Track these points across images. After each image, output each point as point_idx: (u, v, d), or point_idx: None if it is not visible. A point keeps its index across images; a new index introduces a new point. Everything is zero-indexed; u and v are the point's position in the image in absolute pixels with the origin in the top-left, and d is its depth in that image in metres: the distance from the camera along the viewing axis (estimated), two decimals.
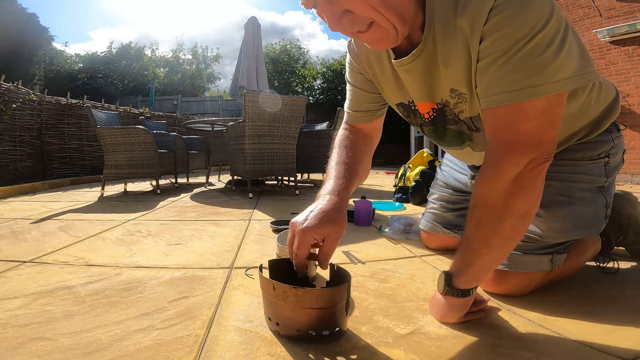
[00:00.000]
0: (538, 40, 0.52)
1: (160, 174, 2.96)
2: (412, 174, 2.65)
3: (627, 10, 4.94)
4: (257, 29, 5.23)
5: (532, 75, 0.53)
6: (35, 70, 13.02)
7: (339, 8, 0.55)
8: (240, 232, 1.52)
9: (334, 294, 0.60)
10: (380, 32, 0.58)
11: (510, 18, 0.52)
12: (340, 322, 0.63)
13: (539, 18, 0.52)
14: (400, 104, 0.83)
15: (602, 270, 0.97)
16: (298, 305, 0.60)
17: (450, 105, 0.73)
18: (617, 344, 0.61)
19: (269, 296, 0.63)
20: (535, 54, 0.52)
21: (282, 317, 0.63)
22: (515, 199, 0.57)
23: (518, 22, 0.52)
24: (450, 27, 0.60)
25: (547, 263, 0.79)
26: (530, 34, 0.52)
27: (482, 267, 0.65)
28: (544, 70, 0.53)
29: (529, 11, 0.52)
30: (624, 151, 0.90)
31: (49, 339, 0.63)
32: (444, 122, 0.79)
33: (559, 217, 0.78)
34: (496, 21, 0.53)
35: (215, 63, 21.68)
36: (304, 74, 16.85)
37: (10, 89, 3.84)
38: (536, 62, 0.53)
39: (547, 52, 0.52)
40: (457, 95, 0.69)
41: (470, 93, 0.66)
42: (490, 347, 0.61)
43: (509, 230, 0.59)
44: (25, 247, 1.27)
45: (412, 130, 9.55)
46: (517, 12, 0.52)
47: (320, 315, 0.60)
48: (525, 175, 0.56)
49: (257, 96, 2.56)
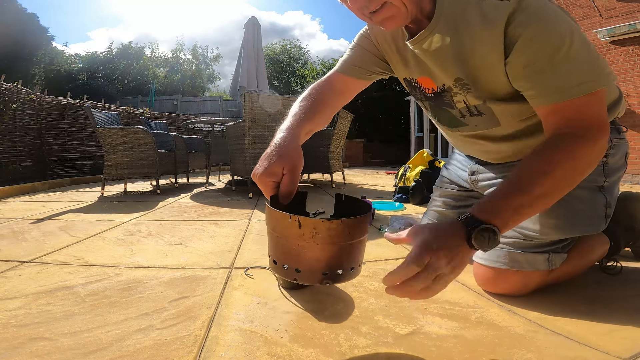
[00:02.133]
0: (576, 45, 0.61)
1: (160, 174, 2.96)
2: (412, 174, 2.65)
3: (627, 10, 4.95)
4: (257, 29, 5.23)
5: (585, 73, 0.63)
6: (35, 70, 13.02)
7: None
8: (240, 232, 1.52)
9: (366, 222, 0.55)
10: (393, 10, 0.66)
11: (538, 31, 0.62)
12: (363, 253, 0.58)
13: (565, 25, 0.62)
14: (405, 79, 0.93)
15: (604, 270, 0.96)
16: (329, 242, 0.52)
17: (451, 92, 0.80)
18: (617, 344, 0.61)
19: (290, 237, 0.54)
20: (580, 57, 0.62)
21: (307, 260, 0.53)
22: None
23: (548, 33, 0.62)
24: (466, 27, 0.69)
25: (543, 262, 0.79)
26: (565, 40, 0.61)
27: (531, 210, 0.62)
28: (593, 69, 0.63)
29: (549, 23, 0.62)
30: (627, 154, 0.90)
31: (49, 339, 0.63)
32: (441, 104, 0.87)
33: (553, 213, 0.79)
34: (524, 28, 0.63)
35: (215, 63, 21.67)
36: (304, 74, 16.86)
37: (10, 89, 3.85)
38: (583, 63, 0.63)
39: (590, 54, 0.63)
40: (461, 85, 0.76)
41: (475, 86, 0.74)
42: (490, 347, 0.61)
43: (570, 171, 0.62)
44: (25, 247, 1.27)
45: (412, 130, 9.55)
46: (542, 27, 0.62)
47: (350, 249, 0.54)
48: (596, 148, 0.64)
49: (257, 96, 2.56)
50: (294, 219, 0.52)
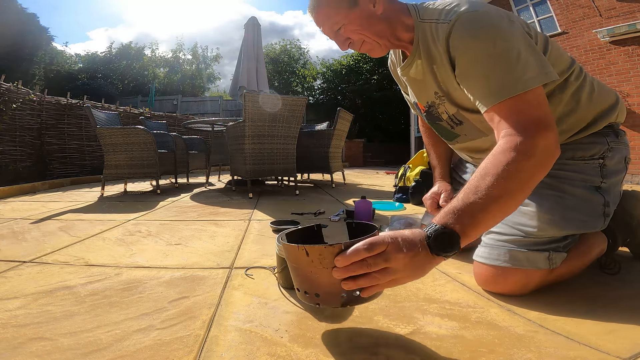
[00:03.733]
0: (502, 51, 0.69)
1: (160, 174, 2.96)
2: (412, 174, 2.65)
3: (627, 10, 4.95)
4: (257, 29, 5.23)
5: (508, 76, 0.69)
6: (35, 70, 13.01)
7: (342, 37, 0.86)
8: (240, 232, 1.52)
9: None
10: (369, 45, 0.87)
11: (465, 40, 0.73)
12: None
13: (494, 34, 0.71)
14: (411, 103, 1.08)
15: (603, 270, 0.96)
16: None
17: (435, 105, 0.94)
18: (617, 344, 0.61)
19: (303, 265, 0.57)
20: (505, 62, 0.69)
21: (322, 285, 0.56)
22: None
23: (477, 39, 0.72)
24: (431, 47, 0.82)
25: (544, 260, 0.79)
26: (491, 48, 0.70)
27: (492, 218, 0.62)
28: (512, 72, 0.68)
29: (481, 31, 0.72)
30: (626, 158, 0.91)
31: (49, 339, 0.63)
32: (434, 118, 0.99)
33: (546, 208, 0.81)
34: (457, 43, 0.74)
35: (215, 63, 21.67)
36: (304, 74, 16.86)
37: (10, 89, 3.85)
38: (506, 67, 0.69)
39: (512, 59, 0.69)
40: (439, 97, 0.91)
41: (448, 96, 0.87)
42: (490, 347, 0.61)
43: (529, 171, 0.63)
44: (25, 247, 1.27)
45: (412, 130, 9.55)
46: (469, 34, 0.72)
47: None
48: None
49: (257, 96, 2.56)
50: (301, 249, 0.56)
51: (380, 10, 0.82)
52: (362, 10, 0.81)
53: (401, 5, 0.86)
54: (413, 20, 0.85)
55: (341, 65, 14.86)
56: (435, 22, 0.79)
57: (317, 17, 0.86)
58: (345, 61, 14.87)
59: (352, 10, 0.81)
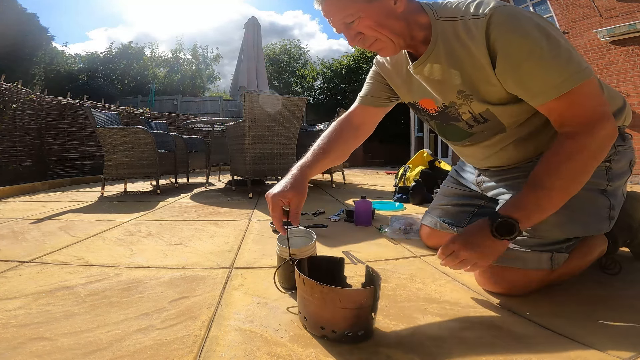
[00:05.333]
0: (550, 47, 0.67)
1: (160, 174, 2.96)
2: (412, 174, 2.65)
3: (627, 10, 4.94)
4: (257, 29, 5.23)
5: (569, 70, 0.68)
6: (35, 70, 13.00)
7: (353, 31, 0.78)
8: (240, 232, 1.52)
9: (359, 295, 0.61)
10: (382, 44, 0.80)
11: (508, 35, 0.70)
12: (365, 325, 0.63)
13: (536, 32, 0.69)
14: (409, 103, 1.02)
15: (604, 270, 0.96)
16: (323, 302, 0.62)
17: (455, 105, 0.87)
18: (617, 343, 0.61)
19: (300, 290, 0.67)
20: (556, 57, 0.67)
21: (309, 312, 0.65)
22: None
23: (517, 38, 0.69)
24: (454, 45, 0.77)
25: (547, 261, 0.79)
26: (536, 45, 0.67)
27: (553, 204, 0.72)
28: (570, 66, 0.68)
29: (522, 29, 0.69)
30: (632, 161, 0.91)
31: (49, 339, 0.63)
32: (447, 120, 0.93)
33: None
34: (502, 37, 0.70)
35: (215, 63, 21.64)
36: (304, 74, 16.84)
37: (10, 89, 3.84)
38: (564, 60, 0.68)
39: (566, 52, 0.68)
40: (464, 97, 0.83)
41: (477, 94, 0.81)
42: (490, 347, 0.61)
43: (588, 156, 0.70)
44: (25, 247, 1.27)
45: (412, 130, 9.56)
46: (513, 28, 0.69)
47: (344, 315, 0.61)
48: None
49: (257, 96, 2.56)
50: (301, 277, 0.65)
51: (401, 8, 0.77)
52: (382, 5, 0.75)
53: (417, 5, 0.82)
54: (428, 19, 0.80)
55: (341, 65, 14.84)
56: (462, 19, 0.75)
57: (328, 6, 0.77)
58: (345, 61, 14.85)
59: (372, 3, 0.74)
